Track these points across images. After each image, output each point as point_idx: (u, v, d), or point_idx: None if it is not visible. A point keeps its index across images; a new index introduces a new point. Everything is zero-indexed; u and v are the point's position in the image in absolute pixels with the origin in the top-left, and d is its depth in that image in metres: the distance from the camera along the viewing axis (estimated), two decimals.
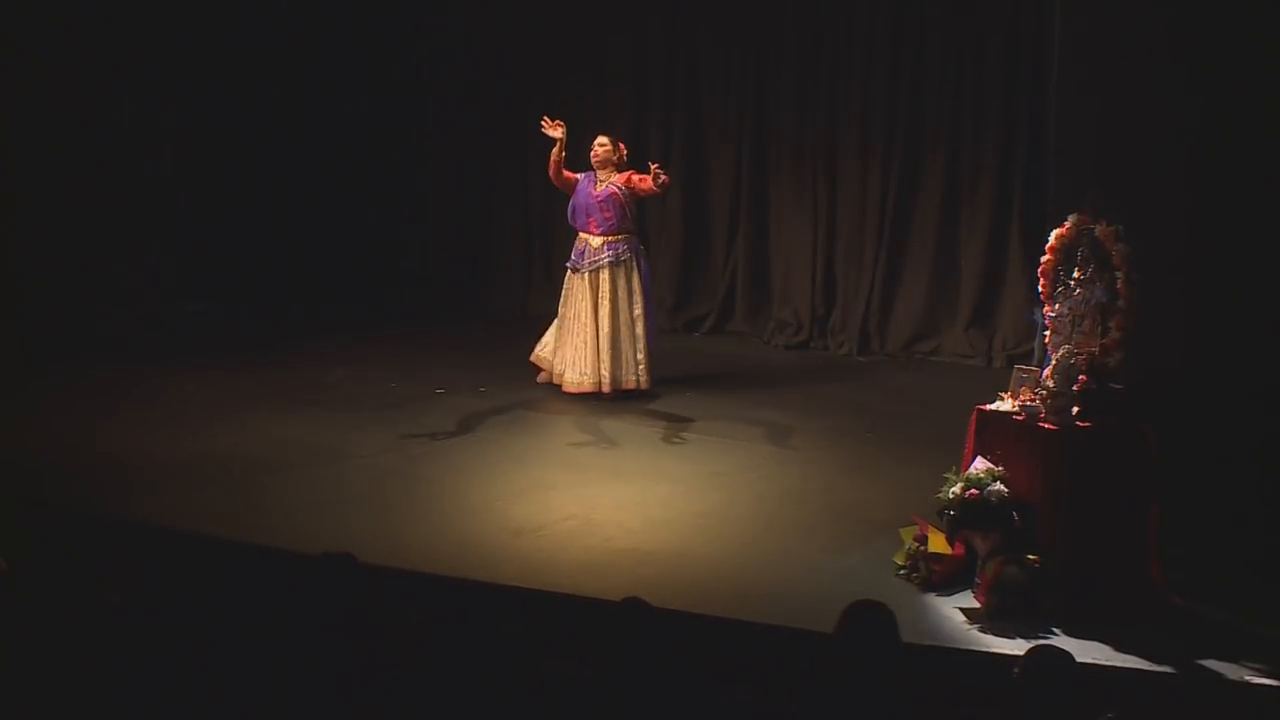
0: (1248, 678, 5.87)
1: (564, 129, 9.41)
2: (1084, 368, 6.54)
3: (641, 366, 9.59)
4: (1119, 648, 6.02)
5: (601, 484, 8.03)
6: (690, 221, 11.96)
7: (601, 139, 9.62)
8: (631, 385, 9.57)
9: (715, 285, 11.89)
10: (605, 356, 9.48)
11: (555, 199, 12.01)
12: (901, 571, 6.76)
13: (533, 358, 9.81)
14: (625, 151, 9.65)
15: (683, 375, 10.20)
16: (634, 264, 9.54)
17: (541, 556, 7.02)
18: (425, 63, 12.53)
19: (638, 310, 9.55)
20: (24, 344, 10.26)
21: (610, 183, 9.46)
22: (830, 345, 11.32)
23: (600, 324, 9.47)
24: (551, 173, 9.57)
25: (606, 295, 9.46)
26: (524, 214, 12.41)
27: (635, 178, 9.46)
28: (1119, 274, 6.55)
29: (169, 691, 4.75)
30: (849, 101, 11.24)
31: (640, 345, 9.56)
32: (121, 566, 5.88)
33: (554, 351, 9.67)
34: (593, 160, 9.57)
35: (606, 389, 9.48)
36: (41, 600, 4.97)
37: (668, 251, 12.00)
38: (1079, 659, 4.86)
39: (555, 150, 9.45)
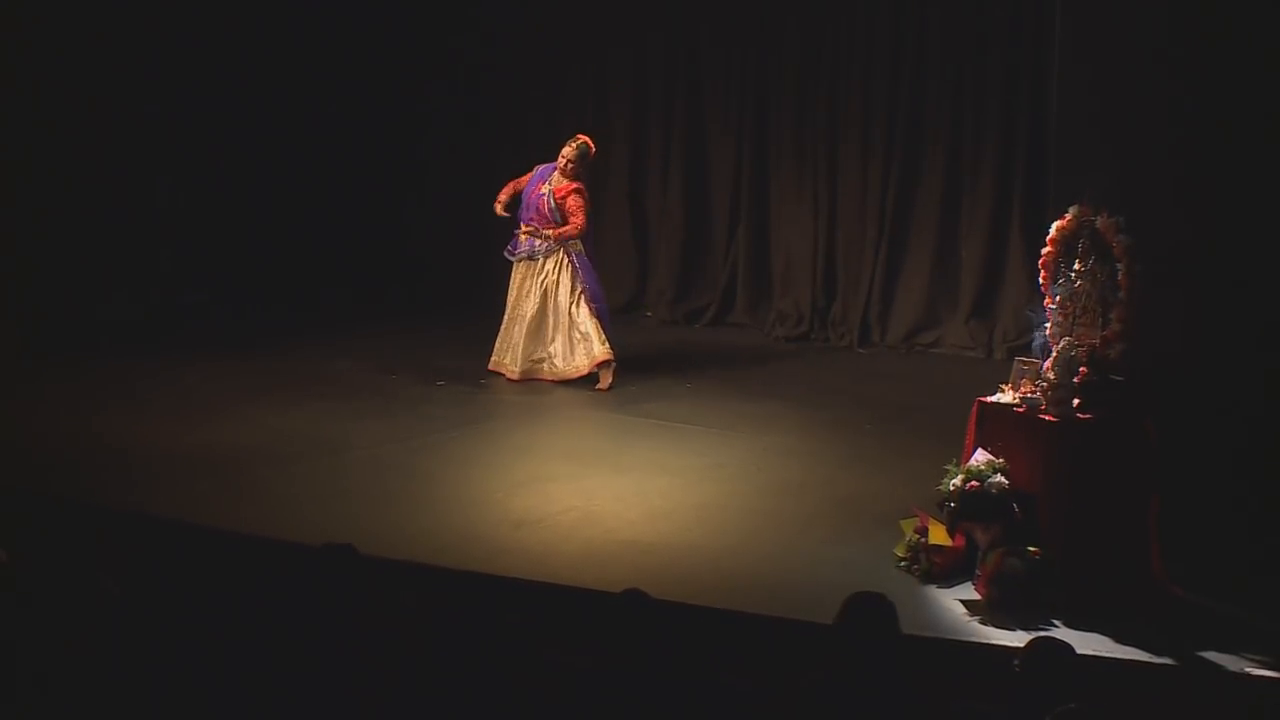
0: (1248, 669, 5.87)
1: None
2: (1085, 359, 6.53)
3: (572, 353, 9.68)
4: (1119, 639, 6.01)
5: (602, 476, 8.02)
6: (691, 214, 11.95)
7: (566, 150, 9.62)
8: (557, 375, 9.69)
9: (716, 277, 11.89)
10: (519, 341, 9.67)
11: None
12: (902, 563, 6.76)
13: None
14: (592, 156, 9.70)
15: (683, 367, 10.19)
16: (561, 259, 9.64)
17: (542, 548, 7.01)
18: (427, 57, 12.51)
19: (564, 300, 9.63)
20: (24, 335, 10.26)
21: (551, 192, 9.60)
22: (831, 337, 11.31)
23: (526, 312, 9.67)
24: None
25: (531, 286, 9.67)
26: None
27: (571, 204, 9.54)
28: (1120, 266, 6.55)
29: (169, 683, 4.74)
30: (850, 94, 11.23)
31: (563, 335, 9.67)
32: (122, 558, 5.88)
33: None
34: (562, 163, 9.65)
35: (514, 375, 9.68)
36: (41, 591, 4.97)
37: (668, 244, 12.00)
38: (1079, 651, 4.86)
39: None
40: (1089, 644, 5.87)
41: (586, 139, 9.73)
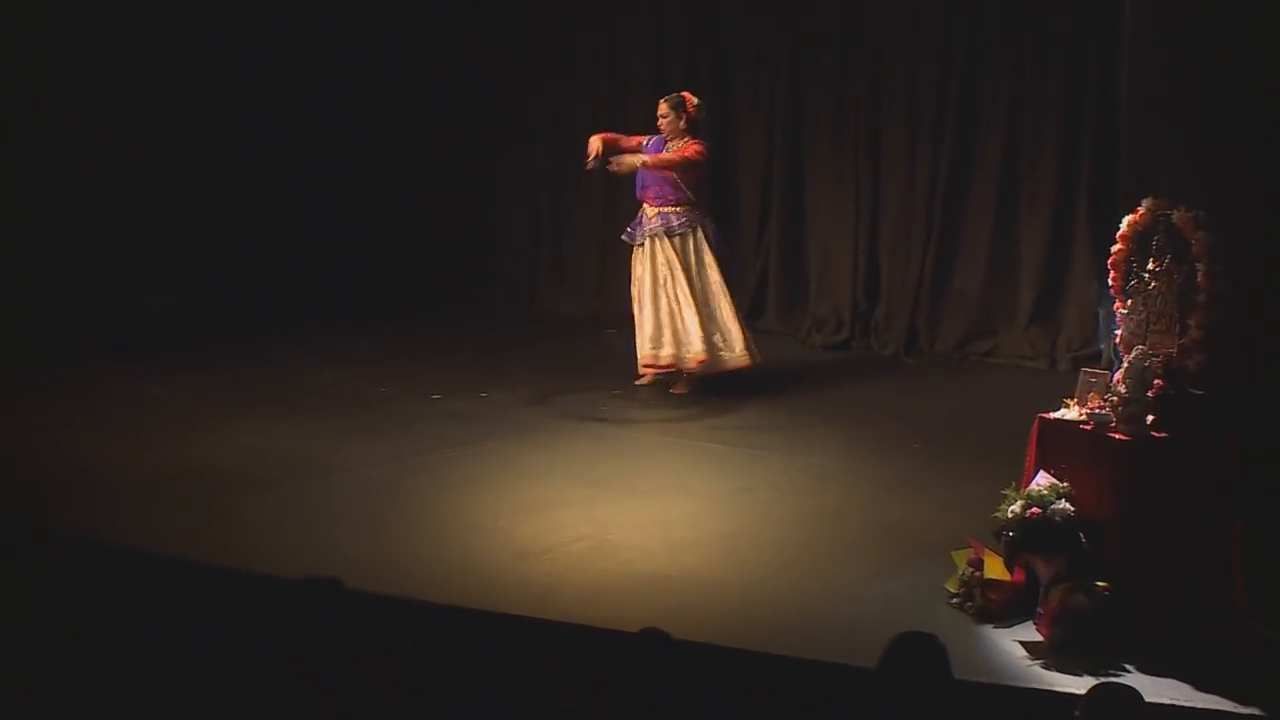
0: None
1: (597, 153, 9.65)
2: (1160, 371, 6.52)
3: (731, 339, 9.81)
4: (1199, 686, 6.00)
5: (618, 501, 8.03)
6: (715, 206, 11.93)
7: (662, 108, 9.77)
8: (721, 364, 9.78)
9: (744, 278, 11.86)
10: (668, 334, 9.72)
11: (565, 189, 12.05)
12: (954, 600, 6.75)
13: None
14: (693, 112, 9.72)
15: (708, 379, 10.18)
16: (696, 234, 9.81)
17: (550, 582, 7.03)
18: (426, 41, 12.57)
19: (714, 279, 9.80)
20: None
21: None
22: (874, 345, 11.30)
23: (659, 297, 9.71)
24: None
25: (665, 265, 9.73)
26: (530, 205, 12.42)
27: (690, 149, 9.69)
28: (1199, 265, 6.54)
29: None
30: (895, 70, 11.21)
31: (722, 320, 9.79)
32: (80, 590, 5.89)
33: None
34: (661, 130, 9.77)
35: (668, 364, 9.76)
36: None
37: None
38: (1154, 698, 4.86)
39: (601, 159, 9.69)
40: (1164, 691, 5.85)
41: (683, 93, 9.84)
